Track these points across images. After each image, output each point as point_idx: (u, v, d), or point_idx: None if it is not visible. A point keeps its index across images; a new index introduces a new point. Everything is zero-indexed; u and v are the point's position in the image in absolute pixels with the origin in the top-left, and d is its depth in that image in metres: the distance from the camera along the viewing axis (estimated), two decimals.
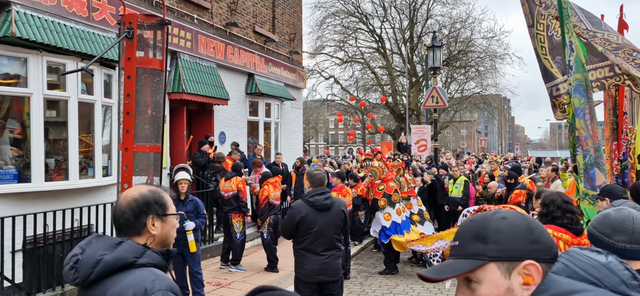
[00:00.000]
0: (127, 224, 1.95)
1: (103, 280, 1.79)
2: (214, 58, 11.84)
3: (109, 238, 1.89)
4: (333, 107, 40.27)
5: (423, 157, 16.72)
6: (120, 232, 1.97)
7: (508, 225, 1.23)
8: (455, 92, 31.74)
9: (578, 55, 4.83)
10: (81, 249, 1.83)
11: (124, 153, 4.52)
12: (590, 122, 4.83)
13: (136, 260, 1.81)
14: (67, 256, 1.84)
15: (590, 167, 4.79)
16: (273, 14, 14.90)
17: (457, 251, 1.27)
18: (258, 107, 14.00)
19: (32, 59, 7.35)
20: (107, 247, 1.82)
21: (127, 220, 1.95)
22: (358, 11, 30.24)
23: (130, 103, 4.51)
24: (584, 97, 4.81)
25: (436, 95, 16.38)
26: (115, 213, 1.99)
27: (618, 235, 2.00)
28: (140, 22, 4.52)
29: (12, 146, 7.47)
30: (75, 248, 1.85)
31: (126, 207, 1.96)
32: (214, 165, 10.35)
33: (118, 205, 1.99)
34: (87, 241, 1.87)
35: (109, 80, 8.73)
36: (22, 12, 7.14)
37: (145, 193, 2.01)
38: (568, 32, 4.89)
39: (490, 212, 1.30)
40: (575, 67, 4.83)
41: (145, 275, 1.79)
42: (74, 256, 1.82)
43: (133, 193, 2.01)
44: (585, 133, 4.83)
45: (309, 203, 4.87)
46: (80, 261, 1.79)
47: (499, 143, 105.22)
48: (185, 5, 10.99)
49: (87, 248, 1.83)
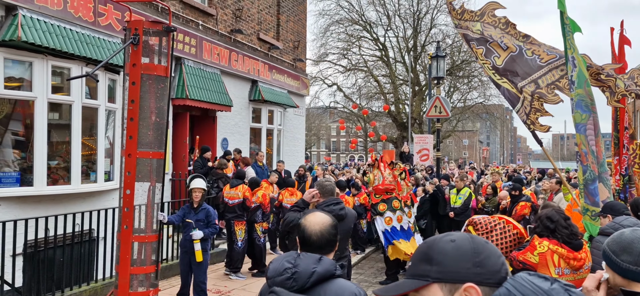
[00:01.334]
0: (328, 244, 2.49)
1: (314, 288, 2.20)
2: (218, 64, 11.87)
3: (311, 255, 2.29)
4: (335, 114, 40.31)
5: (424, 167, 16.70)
6: (320, 250, 2.42)
7: (453, 247, 1.26)
8: (458, 102, 31.76)
9: (581, 70, 4.83)
10: (292, 264, 2.23)
11: (127, 159, 4.52)
12: (594, 137, 4.82)
13: (335, 272, 2.26)
14: (279, 269, 2.21)
15: (590, 182, 4.78)
16: (277, 21, 14.95)
17: (409, 270, 1.34)
18: (261, 114, 14.01)
19: (37, 62, 7.37)
20: (314, 262, 2.23)
21: (328, 241, 2.49)
22: (362, 19, 30.33)
23: (134, 109, 4.51)
24: (586, 113, 4.81)
25: (439, 105, 16.37)
26: (314, 236, 2.47)
27: (625, 255, 2.01)
28: (146, 29, 4.52)
29: (14, 149, 7.48)
30: (285, 263, 2.23)
31: (327, 231, 2.49)
32: (216, 172, 10.34)
33: (318, 230, 2.48)
34: (294, 257, 2.26)
35: (113, 85, 8.74)
36: (29, 16, 7.17)
37: (334, 220, 2.59)
38: (570, 48, 4.89)
39: (442, 234, 1.34)
40: (578, 82, 4.83)
41: (346, 283, 2.27)
42: (289, 269, 2.20)
43: (329, 220, 2.55)
44: (585, 149, 4.82)
45: (325, 213, 4.86)
46: (298, 273, 2.19)
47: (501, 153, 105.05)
48: (190, 11, 11.03)
49: (299, 262, 2.23)
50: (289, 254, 2.32)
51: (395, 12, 30.05)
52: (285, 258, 2.28)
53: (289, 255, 2.30)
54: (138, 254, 4.58)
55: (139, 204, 4.54)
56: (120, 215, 4.59)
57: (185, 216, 6.92)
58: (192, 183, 7.02)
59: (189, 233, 6.77)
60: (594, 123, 4.82)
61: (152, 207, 4.61)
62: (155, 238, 4.67)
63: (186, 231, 6.96)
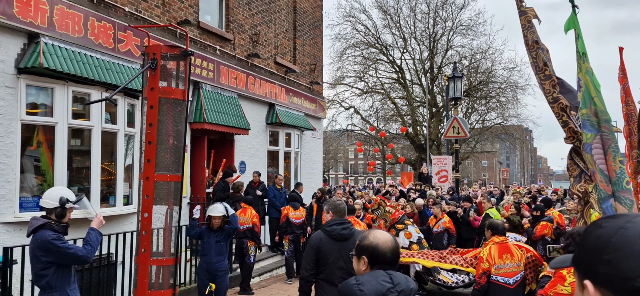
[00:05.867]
0: (395, 260, 2.62)
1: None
2: (235, 88, 11.96)
3: (399, 273, 2.51)
4: (353, 137, 40.24)
5: (444, 188, 16.48)
6: (392, 266, 2.58)
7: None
8: (476, 123, 31.48)
9: (587, 89, 4.76)
10: (391, 282, 2.42)
11: (145, 182, 4.52)
12: (602, 155, 4.71)
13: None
14: (381, 289, 2.40)
15: (602, 202, 4.67)
16: (294, 45, 15.06)
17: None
18: (278, 137, 14.04)
19: (59, 88, 7.50)
20: (403, 279, 2.43)
21: (396, 257, 2.62)
22: (378, 42, 30.43)
23: (152, 133, 4.53)
24: (591, 132, 4.73)
25: (457, 126, 16.23)
26: (393, 252, 2.59)
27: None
28: (163, 53, 4.57)
29: (35, 175, 7.58)
30: (384, 283, 2.42)
31: (398, 248, 2.63)
32: (234, 195, 10.34)
33: (393, 247, 2.61)
34: (392, 276, 2.47)
35: (132, 109, 8.85)
36: (51, 43, 7.32)
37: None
38: (580, 71, 4.84)
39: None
40: (582, 103, 4.80)
41: None
42: (393, 287, 2.41)
43: (393, 237, 2.69)
44: (592, 168, 4.73)
45: (326, 232, 4.81)
46: (404, 291, 2.38)
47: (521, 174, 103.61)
48: (208, 36, 11.17)
49: (396, 280, 2.43)
50: (377, 274, 2.48)
51: (411, 34, 30.13)
52: (380, 279, 2.44)
53: (378, 275, 2.47)
54: (156, 278, 4.55)
55: (157, 227, 4.53)
56: (138, 239, 4.58)
57: (203, 236, 7.01)
58: (211, 211, 7.03)
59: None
60: (603, 141, 4.71)
61: (169, 230, 4.59)
62: (172, 262, 4.65)
63: (203, 256, 7.01)
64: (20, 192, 7.20)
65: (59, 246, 4.26)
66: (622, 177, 4.70)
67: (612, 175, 4.72)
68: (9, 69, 7.05)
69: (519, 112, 30.84)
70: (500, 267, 5.67)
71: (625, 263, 1.04)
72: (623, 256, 1.05)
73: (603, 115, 4.74)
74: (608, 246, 1.08)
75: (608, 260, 1.07)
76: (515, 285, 5.64)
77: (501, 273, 5.66)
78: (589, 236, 1.15)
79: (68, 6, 7.67)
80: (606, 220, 1.14)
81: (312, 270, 4.84)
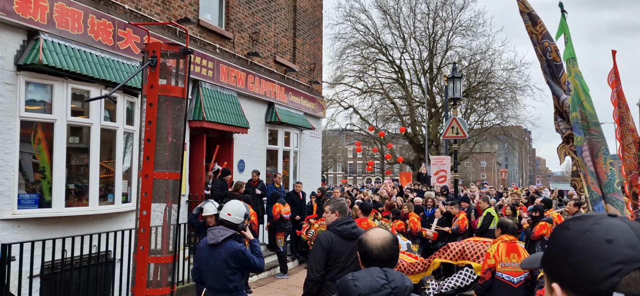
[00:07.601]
0: (391, 259, 2.61)
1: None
2: (234, 87, 11.96)
3: (395, 271, 2.49)
4: (352, 136, 40.26)
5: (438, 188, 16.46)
6: (387, 264, 2.58)
7: None
8: (475, 123, 31.50)
9: (576, 93, 4.79)
10: (385, 279, 2.42)
11: (144, 180, 4.52)
12: (590, 158, 4.74)
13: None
14: (375, 285, 2.39)
15: (593, 203, 4.70)
16: (294, 45, 15.06)
17: None
18: (277, 136, 14.04)
19: (58, 86, 7.49)
20: (399, 277, 2.45)
21: (391, 256, 2.61)
22: (378, 42, 30.44)
23: (151, 130, 4.53)
24: (580, 135, 4.77)
25: (456, 126, 16.24)
26: (382, 249, 2.58)
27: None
28: (163, 51, 4.56)
29: (34, 171, 7.57)
30: (378, 279, 2.41)
31: (391, 246, 2.61)
32: (233, 193, 10.34)
33: (382, 244, 2.60)
34: (387, 273, 2.45)
35: (131, 107, 8.84)
36: (50, 40, 7.31)
37: (394, 236, 2.76)
38: (569, 74, 4.88)
39: None
40: (572, 107, 4.85)
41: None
42: (387, 284, 2.40)
43: (390, 235, 2.67)
44: (583, 171, 4.77)
45: (337, 232, 4.78)
46: (398, 287, 2.39)
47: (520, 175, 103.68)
48: (208, 35, 11.17)
49: (391, 277, 2.43)
50: (373, 271, 2.48)
51: (410, 34, 30.14)
52: (375, 275, 2.44)
53: (374, 272, 2.47)
54: (154, 275, 4.55)
55: (155, 225, 4.53)
56: (137, 236, 4.58)
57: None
58: (204, 212, 7.04)
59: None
60: (591, 144, 4.73)
61: (168, 228, 4.59)
62: (170, 260, 4.65)
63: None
64: (19, 189, 7.20)
65: (248, 255, 4.94)
66: (613, 178, 4.73)
67: (603, 177, 4.75)
68: (8, 65, 7.04)
69: (517, 113, 30.91)
70: (507, 265, 5.77)
71: (590, 266, 1.01)
72: (588, 259, 1.02)
73: (592, 119, 4.77)
74: (573, 249, 1.05)
75: (573, 263, 1.04)
76: (518, 284, 5.72)
77: (507, 271, 5.75)
78: (556, 238, 1.12)
79: (68, 3, 7.66)
80: (573, 222, 1.11)
81: (322, 270, 4.79)
